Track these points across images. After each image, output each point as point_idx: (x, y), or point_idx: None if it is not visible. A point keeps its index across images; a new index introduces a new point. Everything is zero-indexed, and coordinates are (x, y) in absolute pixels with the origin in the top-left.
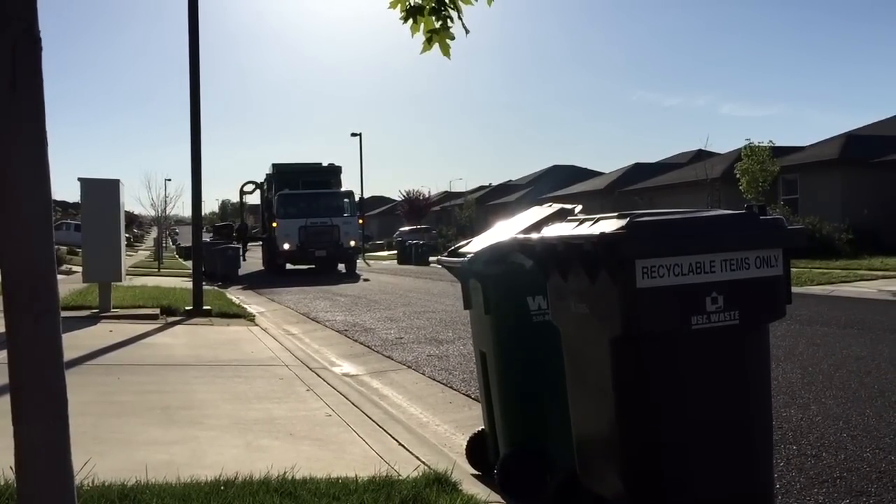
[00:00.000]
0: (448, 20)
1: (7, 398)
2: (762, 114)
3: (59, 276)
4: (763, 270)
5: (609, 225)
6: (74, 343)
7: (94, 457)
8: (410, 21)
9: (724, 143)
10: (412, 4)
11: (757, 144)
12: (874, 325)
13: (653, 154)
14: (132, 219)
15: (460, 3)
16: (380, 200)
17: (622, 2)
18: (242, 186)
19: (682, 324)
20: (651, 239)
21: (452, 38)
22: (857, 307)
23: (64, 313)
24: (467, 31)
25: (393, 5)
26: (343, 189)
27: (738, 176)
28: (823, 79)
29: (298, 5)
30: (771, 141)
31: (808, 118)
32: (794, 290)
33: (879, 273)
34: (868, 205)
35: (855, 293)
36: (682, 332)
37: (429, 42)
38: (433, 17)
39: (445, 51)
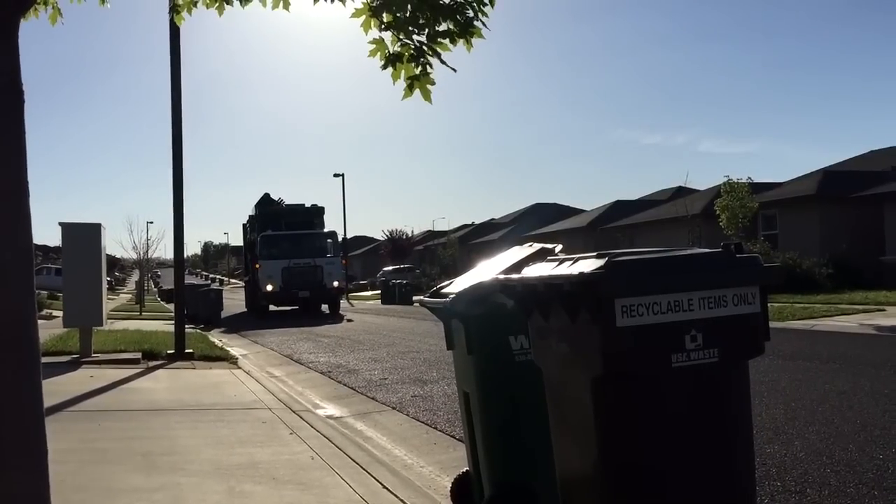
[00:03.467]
0: (427, 66)
1: None
2: (741, 150)
3: (40, 321)
4: (741, 308)
5: (588, 265)
6: (54, 389)
7: None
8: (391, 68)
9: (704, 180)
10: (391, 52)
11: (736, 181)
12: (856, 359)
13: (634, 191)
14: (114, 262)
15: (438, 49)
16: (363, 240)
17: (600, 41)
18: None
19: (662, 362)
20: (630, 278)
21: (433, 83)
22: (839, 341)
23: (44, 359)
24: (454, 70)
25: (373, 53)
26: (326, 230)
27: (717, 212)
28: (800, 116)
29: (280, 47)
30: (749, 177)
31: (786, 154)
32: (776, 325)
33: (860, 307)
34: (847, 240)
35: (837, 327)
36: (663, 371)
37: (410, 88)
38: (412, 64)
39: (426, 96)
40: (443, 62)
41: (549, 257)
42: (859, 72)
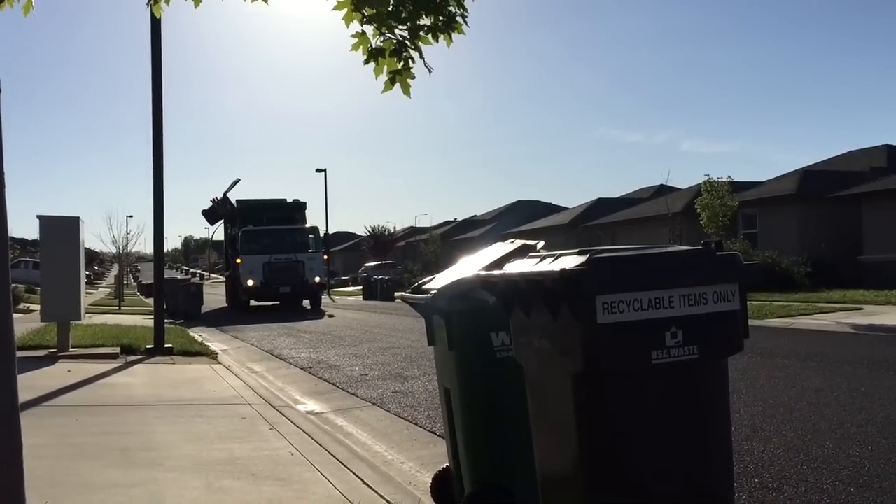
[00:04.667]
0: (409, 61)
1: None
2: (721, 149)
3: (17, 315)
4: (720, 305)
5: (570, 261)
6: (31, 384)
7: (50, 501)
8: (373, 63)
9: (685, 178)
10: (374, 47)
11: (716, 180)
12: (833, 357)
13: (615, 189)
14: (93, 256)
15: (420, 43)
16: (345, 236)
17: (582, 41)
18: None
19: (642, 359)
20: (611, 275)
21: (413, 77)
22: (817, 340)
23: (21, 353)
24: (430, 70)
25: (355, 47)
26: (308, 225)
27: (698, 211)
28: (781, 116)
29: (262, 42)
30: (729, 176)
31: (766, 154)
32: (755, 323)
33: (838, 306)
34: (825, 239)
35: (814, 326)
36: (643, 367)
37: (391, 82)
38: (394, 59)
39: (406, 90)
40: (422, 58)
41: (530, 254)
42: (840, 73)
